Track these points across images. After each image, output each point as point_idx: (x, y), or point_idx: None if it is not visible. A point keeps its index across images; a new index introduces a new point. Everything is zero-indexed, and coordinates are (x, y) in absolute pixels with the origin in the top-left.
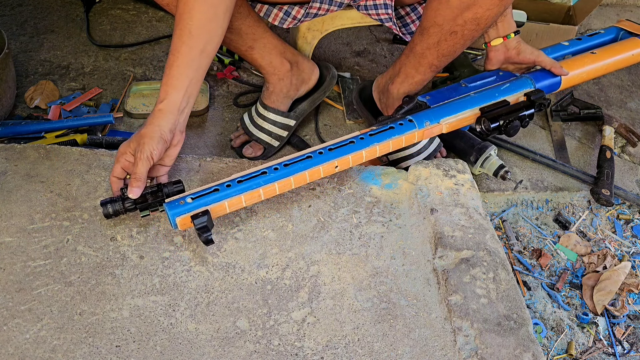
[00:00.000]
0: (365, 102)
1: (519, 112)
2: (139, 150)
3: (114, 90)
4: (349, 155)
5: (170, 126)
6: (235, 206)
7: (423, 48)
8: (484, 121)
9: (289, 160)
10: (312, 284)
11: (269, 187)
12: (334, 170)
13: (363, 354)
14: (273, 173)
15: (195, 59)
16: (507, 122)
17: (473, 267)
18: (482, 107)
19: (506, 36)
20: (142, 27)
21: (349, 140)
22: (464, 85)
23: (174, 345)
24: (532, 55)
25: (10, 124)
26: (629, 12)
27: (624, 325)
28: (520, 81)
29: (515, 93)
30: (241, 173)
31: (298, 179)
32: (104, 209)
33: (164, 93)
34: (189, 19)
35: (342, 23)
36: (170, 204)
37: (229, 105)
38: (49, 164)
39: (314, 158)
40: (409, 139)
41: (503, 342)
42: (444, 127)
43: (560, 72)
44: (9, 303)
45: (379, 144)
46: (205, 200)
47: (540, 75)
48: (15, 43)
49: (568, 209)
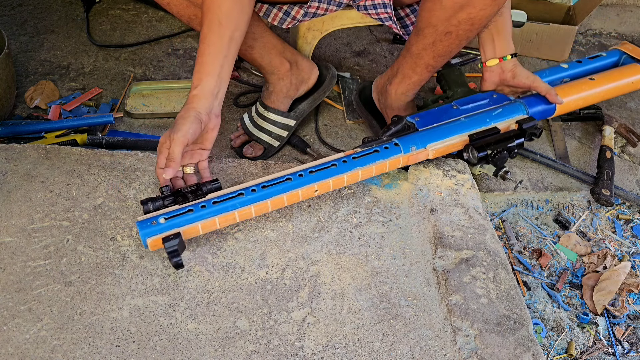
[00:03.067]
0: (364, 102)
1: (508, 141)
2: (173, 132)
3: (114, 90)
4: (330, 180)
5: (206, 109)
6: (209, 228)
7: (419, 49)
8: (471, 150)
9: (267, 182)
10: (312, 284)
11: (244, 210)
12: (313, 195)
13: (363, 354)
14: (250, 195)
15: (224, 46)
16: (495, 152)
17: (473, 267)
18: (471, 133)
19: (502, 57)
20: (142, 27)
21: (331, 163)
22: (455, 107)
23: (174, 345)
24: (527, 79)
25: (10, 124)
26: (629, 12)
27: (624, 325)
28: (513, 106)
29: (507, 119)
30: (218, 193)
31: (275, 202)
32: (145, 207)
33: (197, 80)
34: (217, 9)
35: (342, 23)
36: (142, 224)
37: (229, 105)
38: (49, 164)
39: (293, 181)
40: (393, 164)
41: (503, 342)
42: (430, 152)
43: (555, 100)
44: (9, 303)
45: (361, 168)
46: (178, 221)
47: (535, 100)
48: (15, 43)
49: (568, 209)
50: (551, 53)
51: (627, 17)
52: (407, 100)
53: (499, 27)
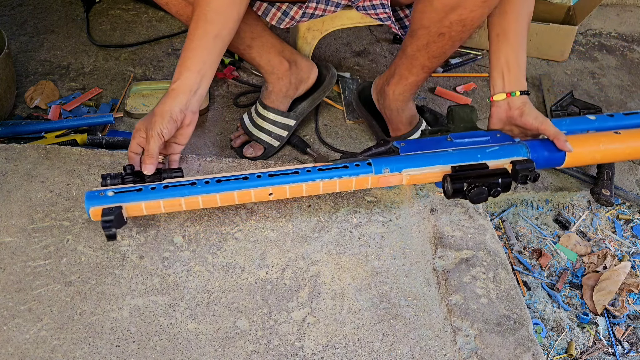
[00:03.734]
0: (364, 102)
1: (491, 178)
2: (149, 129)
3: (114, 90)
4: (287, 186)
5: (181, 106)
6: (153, 210)
7: (414, 50)
8: (447, 180)
9: (224, 177)
10: (312, 284)
11: (191, 199)
12: (267, 197)
13: (363, 354)
14: (202, 186)
15: (209, 43)
16: (472, 186)
17: (473, 267)
18: (455, 165)
19: (510, 93)
20: (142, 27)
21: (294, 170)
22: (449, 139)
23: (174, 345)
24: (535, 120)
25: (10, 124)
26: (629, 12)
27: (624, 325)
28: (513, 147)
29: (502, 159)
30: (175, 179)
31: (225, 197)
32: (102, 182)
33: (178, 74)
34: (206, 5)
35: (342, 23)
36: (90, 194)
37: (229, 105)
38: (49, 164)
39: (249, 180)
40: (361, 183)
41: (503, 342)
42: (404, 178)
43: (564, 146)
44: (9, 303)
45: (324, 180)
46: (124, 198)
47: (540, 144)
48: (15, 43)
49: (568, 209)
50: (551, 53)
51: (627, 17)
52: (406, 100)
53: (511, 62)
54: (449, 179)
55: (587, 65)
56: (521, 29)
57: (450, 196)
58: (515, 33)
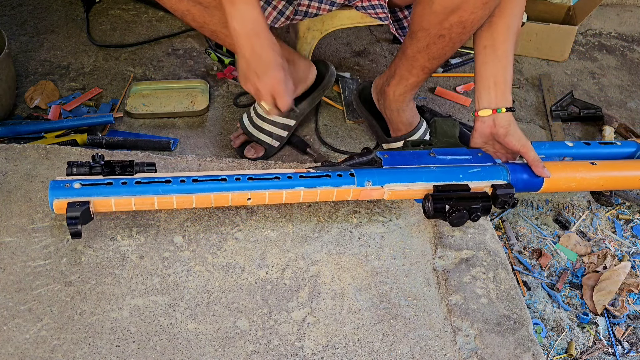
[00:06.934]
0: (364, 102)
1: (473, 202)
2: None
3: (114, 90)
4: (267, 192)
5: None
6: (123, 207)
7: (414, 51)
8: (428, 200)
9: (201, 177)
10: (312, 284)
11: (165, 198)
12: (245, 202)
13: (363, 354)
14: (177, 185)
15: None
16: (453, 209)
17: (473, 267)
18: (438, 184)
19: (496, 109)
20: (142, 27)
21: (275, 175)
22: (432, 154)
23: (174, 345)
24: (518, 143)
25: (10, 124)
26: (629, 12)
27: (624, 325)
28: (494, 169)
29: (483, 181)
30: (147, 175)
31: (201, 199)
32: (68, 170)
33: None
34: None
35: (342, 23)
36: (55, 183)
37: (229, 105)
38: (49, 164)
39: (227, 182)
40: (342, 194)
41: (503, 342)
42: (386, 192)
43: (541, 172)
44: (9, 303)
45: (305, 189)
46: (93, 191)
47: (521, 168)
48: (15, 43)
49: (568, 209)
50: (551, 53)
51: (627, 17)
52: (406, 101)
53: (498, 77)
54: (431, 199)
55: (587, 65)
56: (510, 42)
57: (430, 216)
58: (504, 47)
